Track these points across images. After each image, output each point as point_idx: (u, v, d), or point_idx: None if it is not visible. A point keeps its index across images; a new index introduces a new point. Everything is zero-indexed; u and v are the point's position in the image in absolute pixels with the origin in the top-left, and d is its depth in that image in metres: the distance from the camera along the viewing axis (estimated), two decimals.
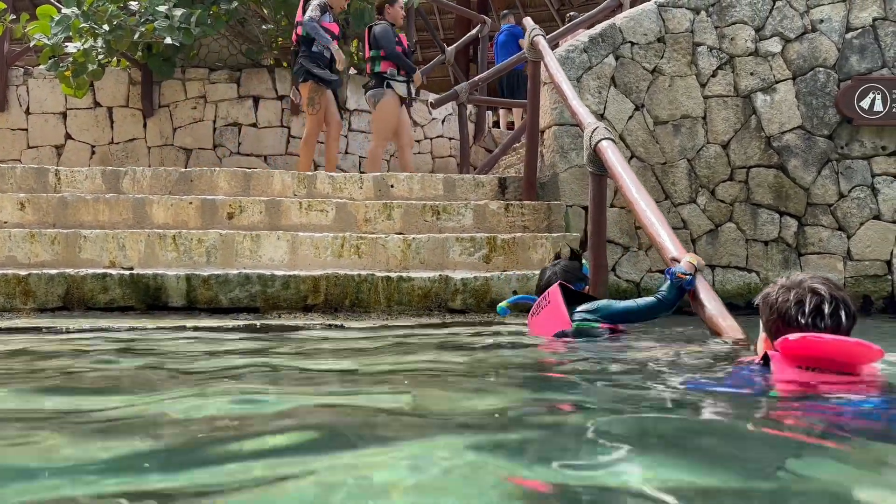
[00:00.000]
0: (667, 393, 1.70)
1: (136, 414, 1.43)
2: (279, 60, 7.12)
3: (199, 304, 3.57)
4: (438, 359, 2.31)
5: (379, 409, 1.48)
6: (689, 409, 1.56)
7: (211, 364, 2.17)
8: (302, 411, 1.43)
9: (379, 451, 1.08)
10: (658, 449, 1.17)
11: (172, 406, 1.46)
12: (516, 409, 1.52)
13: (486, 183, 4.75)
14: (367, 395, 1.68)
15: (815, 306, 1.64)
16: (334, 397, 1.64)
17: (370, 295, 3.65)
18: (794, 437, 1.33)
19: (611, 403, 1.57)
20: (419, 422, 1.37)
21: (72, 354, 2.41)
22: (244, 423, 1.34)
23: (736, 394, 1.70)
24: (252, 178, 4.53)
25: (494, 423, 1.34)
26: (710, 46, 4.83)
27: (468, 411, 1.48)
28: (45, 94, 6.74)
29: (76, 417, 1.39)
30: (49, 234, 3.78)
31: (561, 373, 2.12)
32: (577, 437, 1.23)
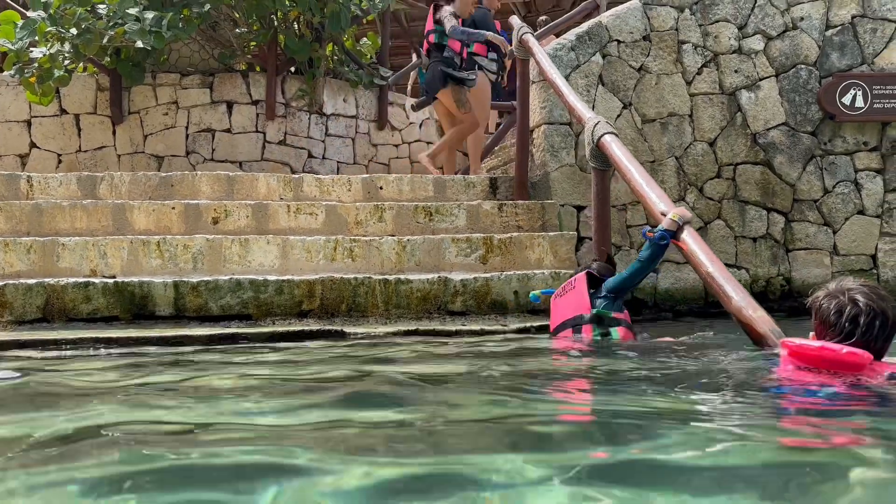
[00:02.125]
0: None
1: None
2: (252, 65, 6.96)
3: (188, 313, 3.41)
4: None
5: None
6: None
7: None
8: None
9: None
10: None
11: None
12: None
13: (476, 183, 4.68)
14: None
15: (853, 317, 1.77)
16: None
17: (368, 299, 3.53)
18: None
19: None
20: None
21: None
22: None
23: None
24: (236, 182, 4.38)
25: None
26: (694, 44, 4.85)
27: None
28: (8, 101, 6.46)
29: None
30: (24, 242, 3.58)
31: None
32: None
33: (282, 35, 6.59)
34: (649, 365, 2.18)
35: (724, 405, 1.62)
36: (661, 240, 2.68)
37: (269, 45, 6.56)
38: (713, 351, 2.64)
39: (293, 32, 6.64)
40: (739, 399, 1.70)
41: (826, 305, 1.83)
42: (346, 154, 7.16)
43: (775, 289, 4.84)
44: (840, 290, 1.83)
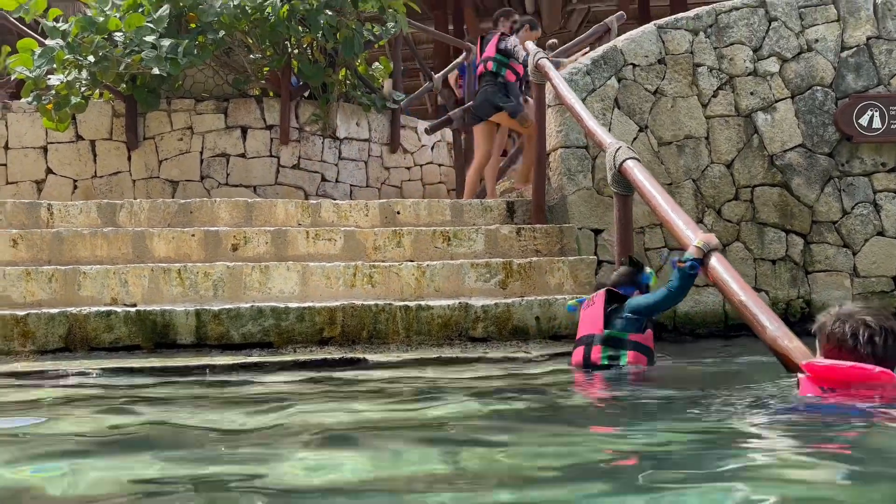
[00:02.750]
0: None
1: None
2: (266, 90, 7.01)
3: (210, 341, 3.40)
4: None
5: None
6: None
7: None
8: None
9: None
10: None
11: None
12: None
13: (494, 207, 4.67)
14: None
15: (869, 337, 1.89)
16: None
17: (388, 325, 3.52)
18: None
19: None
20: None
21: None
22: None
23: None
24: (254, 208, 4.39)
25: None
26: (709, 67, 4.86)
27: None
28: (25, 128, 6.52)
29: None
30: (46, 271, 3.58)
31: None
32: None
33: (295, 61, 6.64)
34: (685, 395, 2.15)
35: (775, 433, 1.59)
36: (691, 269, 2.67)
37: (282, 71, 6.60)
38: (732, 377, 2.64)
39: (307, 58, 6.70)
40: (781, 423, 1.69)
41: (839, 329, 1.93)
42: (359, 177, 7.18)
43: (795, 311, 4.80)
44: (847, 313, 1.95)
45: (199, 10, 6.02)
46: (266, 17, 6.16)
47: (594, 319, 2.99)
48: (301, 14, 6.33)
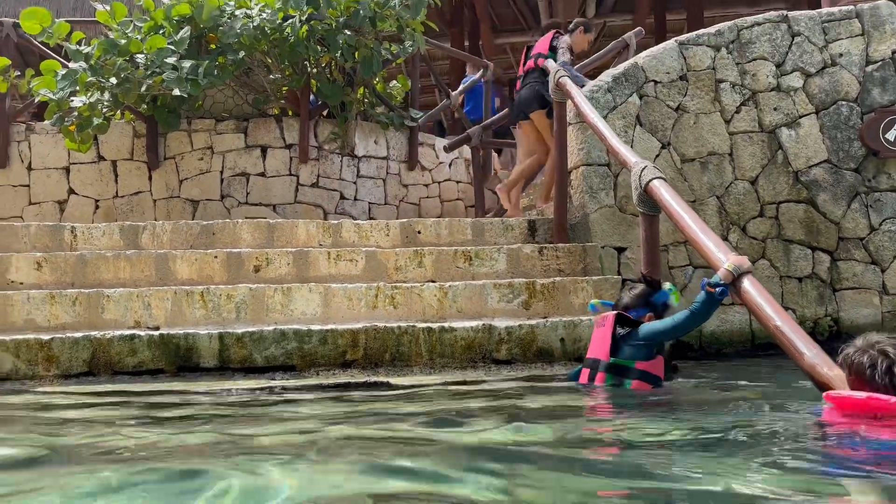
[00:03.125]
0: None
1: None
2: (285, 109, 7.05)
3: (232, 364, 3.38)
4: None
5: None
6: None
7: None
8: None
9: None
10: None
11: None
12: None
13: (515, 226, 4.64)
14: None
15: (887, 368, 1.91)
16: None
17: (412, 348, 3.48)
18: None
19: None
20: None
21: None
22: None
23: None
24: (276, 229, 4.38)
25: None
26: (732, 83, 4.81)
27: None
28: (48, 149, 6.59)
29: None
30: (70, 294, 3.59)
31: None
32: None
33: (314, 80, 6.67)
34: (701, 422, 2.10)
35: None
36: (720, 295, 2.60)
37: (302, 90, 6.64)
38: (748, 402, 2.58)
39: (325, 77, 6.73)
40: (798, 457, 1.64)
41: (859, 360, 1.96)
42: (378, 195, 7.18)
43: (823, 330, 4.71)
44: (869, 344, 1.98)
45: (219, 31, 6.07)
46: (285, 37, 6.20)
47: (602, 344, 2.92)
48: (320, 34, 6.36)
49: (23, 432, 2.12)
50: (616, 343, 2.90)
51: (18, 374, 3.24)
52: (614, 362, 2.86)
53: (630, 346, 2.88)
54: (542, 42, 5.67)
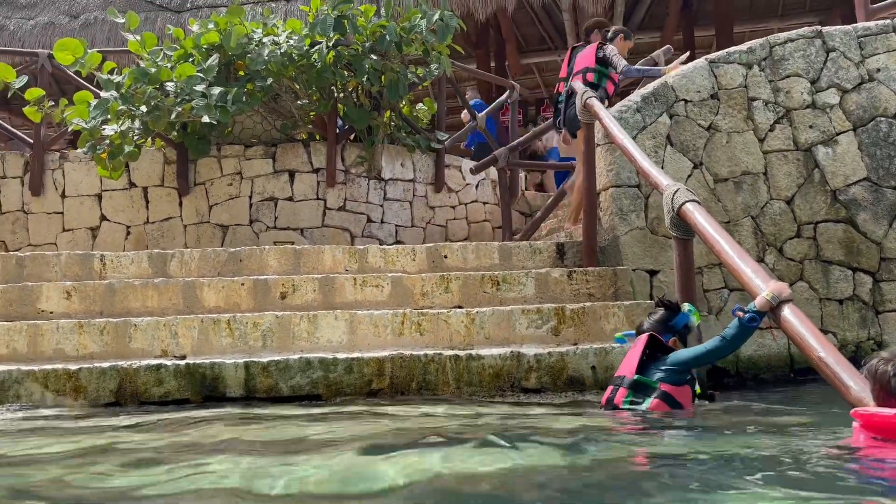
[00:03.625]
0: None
1: None
2: (312, 134, 7.08)
3: (258, 394, 3.35)
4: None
5: None
6: None
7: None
8: None
9: None
10: None
11: None
12: None
13: (543, 250, 4.56)
14: None
15: None
16: None
17: (438, 376, 3.41)
18: None
19: None
20: None
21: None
22: None
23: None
24: (302, 255, 4.37)
25: None
26: (765, 101, 4.70)
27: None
28: (81, 176, 6.70)
29: None
30: (98, 323, 3.60)
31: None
32: None
33: (341, 105, 6.70)
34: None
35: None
36: (751, 322, 2.52)
37: (329, 115, 6.67)
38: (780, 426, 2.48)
39: (352, 102, 6.75)
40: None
41: (883, 369, 1.95)
42: (404, 217, 7.16)
43: (866, 353, 4.52)
44: (893, 354, 1.97)
45: (247, 58, 6.13)
46: (312, 63, 6.24)
47: (630, 362, 2.92)
48: (346, 59, 6.40)
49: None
50: (644, 364, 2.86)
51: (47, 405, 3.24)
52: (638, 379, 2.83)
53: (659, 369, 2.84)
54: (587, 56, 5.52)
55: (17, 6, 10.59)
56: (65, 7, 10.65)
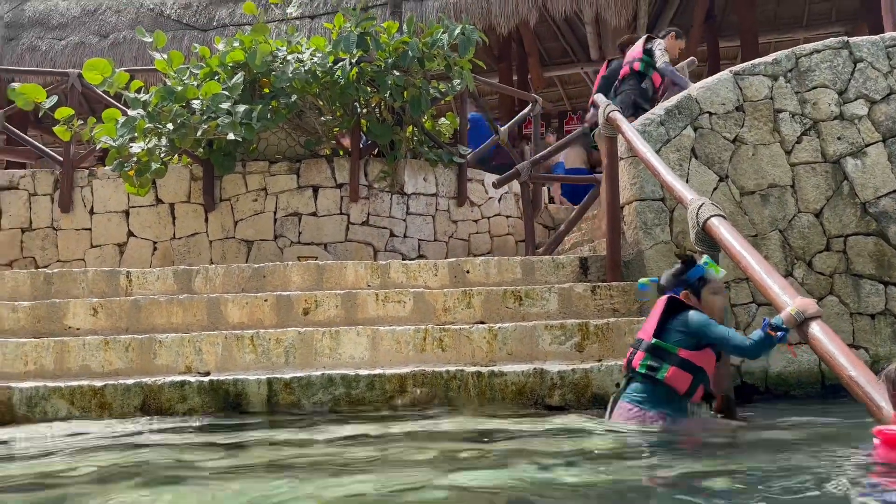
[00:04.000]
0: None
1: None
2: (336, 150, 7.14)
3: (280, 410, 3.35)
4: None
5: None
6: None
7: None
8: None
9: None
10: None
11: None
12: None
13: (566, 264, 4.53)
14: None
15: None
16: None
17: (461, 393, 3.39)
18: None
19: None
20: None
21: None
22: None
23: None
24: (325, 271, 4.38)
25: None
26: (791, 112, 4.63)
27: None
28: (109, 193, 6.81)
29: None
30: (123, 340, 3.64)
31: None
32: None
33: (364, 120, 6.74)
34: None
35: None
36: (778, 338, 2.49)
37: (352, 131, 6.71)
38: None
39: (375, 117, 6.79)
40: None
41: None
42: (427, 231, 7.16)
43: None
44: None
45: (272, 76, 6.20)
46: (336, 80, 6.30)
47: (649, 325, 2.93)
48: (369, 76, 6.44)
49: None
50: (662, 327, 2.85)
51: (72, 421, 3.27)
52: (656, 343, 2.83)
53: (677, 331, 2.82)
54: (636, 49, 5.64)
55: (49, 27, 10.85)
56: (94, 27, 10.89)
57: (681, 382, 2.77)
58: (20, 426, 3.14)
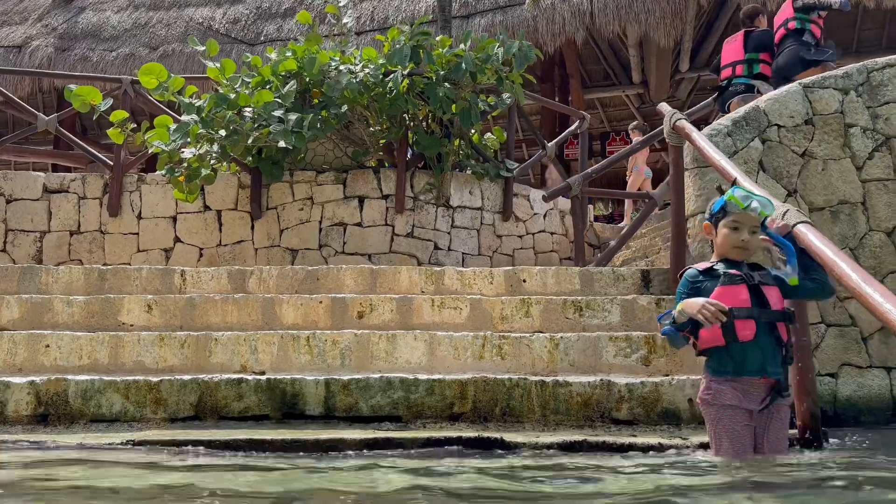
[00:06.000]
0: None
1: None
2: (382, 161, 7.11)
3: (338, 413, 3.25)
4: None
5: None
6: None
7: None
8: None
9: None
10: None
11: None
12: None
13: (627, 276, 4.39)
14: None
15: None
16: None
17: (523, 402, 3.26)
18: None
19: None
20: None
21: None
22: None
23: None
24: (378, 275, 4.31)
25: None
26: (863, 127, 4.48)
27: None
28: (157, 199, 6.85)
29: None
30: (179, 337, 3.58)
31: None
32: None
33: (411, 132, 6.71)
34: None
35: None
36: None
37: (399, 142, 6.68)
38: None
39: (422, 129, 6.76)
40: None
41: None
42: (472, 245, 7.07)
43: None
44: None
45: (326, 84, 6.21)
46: (387, 91, 6.28)
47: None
48: (420, 88, 6.42)
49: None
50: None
51: (126, 416, 3.21)
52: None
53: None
54: (784, 10, 5.82)
55: (101, 38, 11.09)
56: (145, 39, 11.11)
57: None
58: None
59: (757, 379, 2.45)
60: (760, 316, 2.45)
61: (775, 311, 2.47)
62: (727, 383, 2.46)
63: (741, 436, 2.42)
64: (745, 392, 2.45)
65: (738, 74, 6.03)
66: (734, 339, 2.43)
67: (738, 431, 2.42)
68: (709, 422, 2.53)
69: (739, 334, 2.42)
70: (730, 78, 6.10)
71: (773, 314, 2.46)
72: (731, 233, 2.58)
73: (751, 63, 5.97)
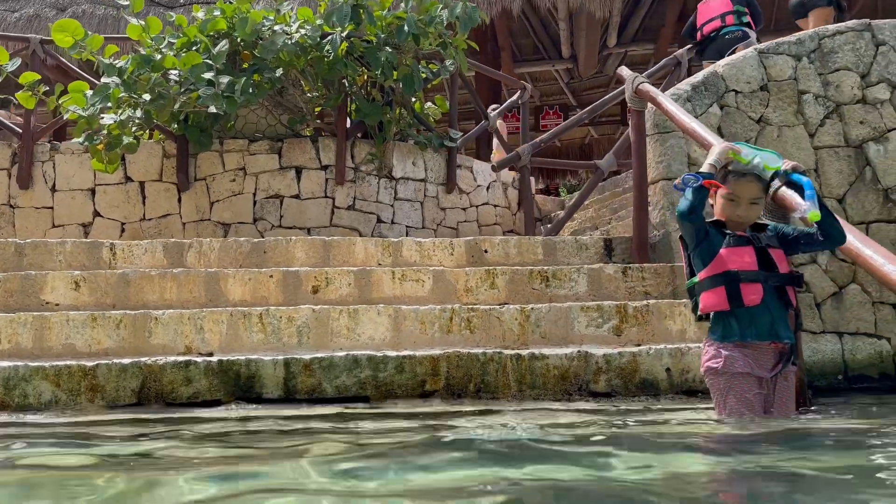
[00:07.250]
0: None
1: None
2: (319, 129, 6.75)
3: (299, 395, 2.98)
4: None
5: None
6: None
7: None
8: None
9: None
10: None
11: None
12: None
13: (590, 245, 4.28)
14: None
15: None
16: None
17: (498, 377, 3.09)
18: None
19: None
20: None
21: None
22: None
23: None
24: (332, 247, 4.02)
25: None
26: (815, 94, 4.50)
27: None
28: (73, 169, 6.27)
29: None
30: (114, 316, 3.20)
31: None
32: None
33: (351, 101, 6.38)
34: None
35: None
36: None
37: (339, 110, 6.34)
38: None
39: (363, 96, 6.44)
40: None
41: None
42: (415, 218, 6.84)
43: None
44: None
45: (259, 46, 5.79)
46: (324, 54, 5.92)
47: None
48: (360, 51, 6.09)
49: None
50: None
51: (58, 405, 2.84)
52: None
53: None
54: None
55: None
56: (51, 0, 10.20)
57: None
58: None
59: (767, 344, 2.35)
60: (767, 279, 2.34)
61: (783, 273, 2.38)
62: (737, 349, 2.35)
63: (753, 406, 2.32)
64: (756, 358, 2.35)
65: (730, 24, 6.28)
66: (740, 304, 2.31)
67: (749, 401, 2.32)
68: (716, 392, 2.41)
69: (746, 299, 2.31)
70: (719, 28, 6.32)
71: (781, 277, 2.37)
72: (727, 204, 2.47)
73: (739, 14, 6.25)
